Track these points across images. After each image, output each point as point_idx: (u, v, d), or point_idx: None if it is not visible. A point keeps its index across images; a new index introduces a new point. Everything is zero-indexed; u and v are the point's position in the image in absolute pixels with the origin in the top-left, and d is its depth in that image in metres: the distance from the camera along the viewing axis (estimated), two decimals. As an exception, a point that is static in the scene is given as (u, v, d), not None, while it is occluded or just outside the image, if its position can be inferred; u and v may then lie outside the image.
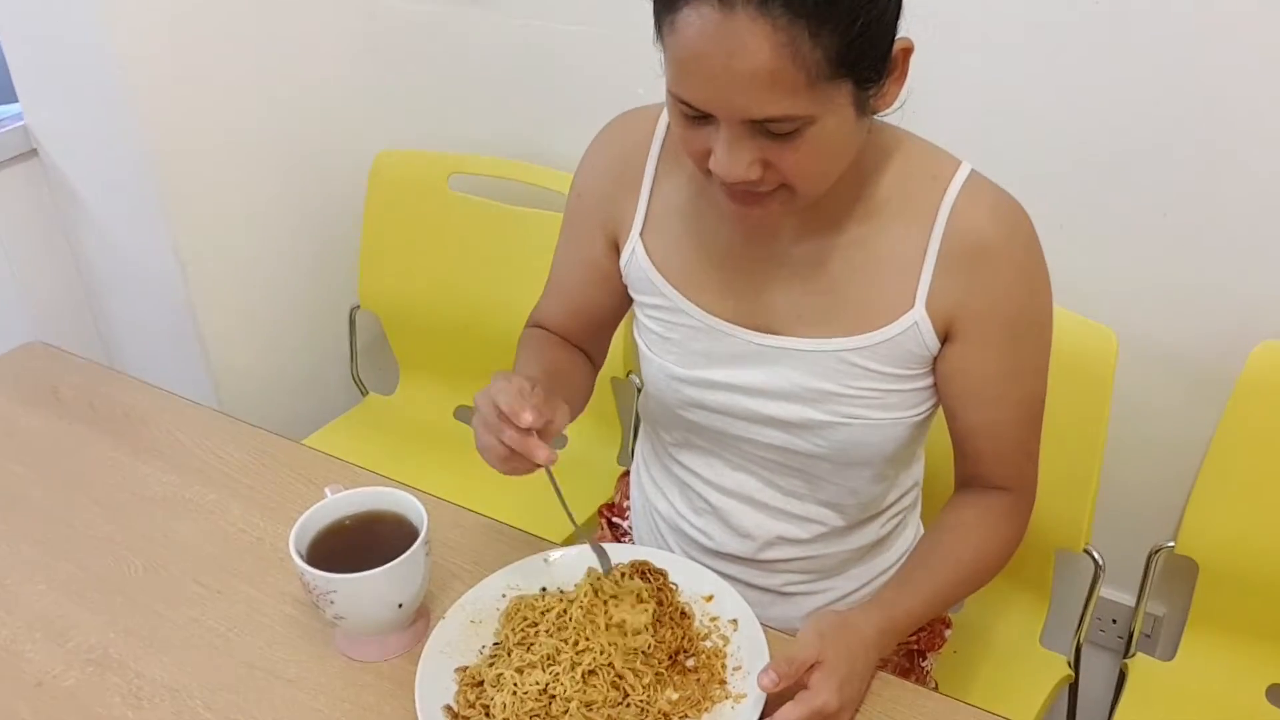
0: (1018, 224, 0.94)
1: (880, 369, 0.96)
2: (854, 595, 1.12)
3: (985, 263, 0.92)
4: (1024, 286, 0.95)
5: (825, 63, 0.77)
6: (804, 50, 0.76)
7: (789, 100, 0.78)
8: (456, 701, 0.88)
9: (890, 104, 0.86)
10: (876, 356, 0.95)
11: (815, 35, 0.75)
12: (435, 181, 1.73)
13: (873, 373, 0.96)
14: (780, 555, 1.08)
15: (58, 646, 0.99)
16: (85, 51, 1.52)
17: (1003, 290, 0.93)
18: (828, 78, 0.78)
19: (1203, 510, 1.29)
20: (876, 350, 0.95)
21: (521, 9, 1.63)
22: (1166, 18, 1.21)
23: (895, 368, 0.96)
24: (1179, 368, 1.38)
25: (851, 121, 0.83)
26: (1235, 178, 1.25)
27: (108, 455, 1.24)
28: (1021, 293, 0.95)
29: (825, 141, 0.82)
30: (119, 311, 1.84)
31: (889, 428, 0.98)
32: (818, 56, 0.76)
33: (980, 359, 0.96)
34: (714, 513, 1.08)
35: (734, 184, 0.85)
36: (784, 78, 0.77)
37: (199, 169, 1.65)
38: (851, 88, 0.80)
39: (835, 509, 1.05)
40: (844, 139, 0.84)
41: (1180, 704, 1.32)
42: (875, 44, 0.80)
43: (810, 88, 0.78)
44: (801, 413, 0.98)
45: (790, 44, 0.75)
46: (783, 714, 0.82)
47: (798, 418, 0.98)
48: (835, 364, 0.96)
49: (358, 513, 0.98)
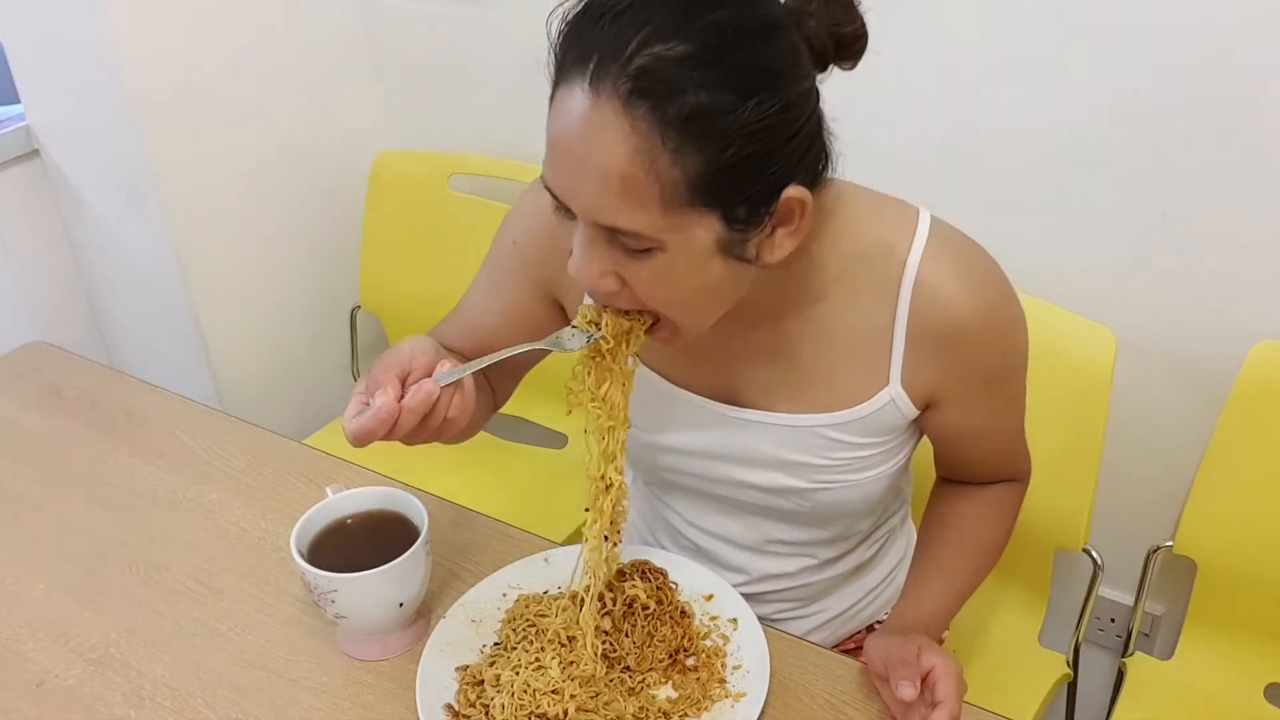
0: (987, 288, 0.88)
1: (858, 440, 0.93)
2: (846, 613, 1.12)
3: (960, 341, 0.87)
4: (1001, 347, 0.91)
5: (684, 185, 0.71)
6: (661, 164, 0.70)
7: (639, 214, 0.72)
8: (457, 700, 0.88)
9: (780, 256, 0.78)
10: (853, 431, 0.92)
11: (677, 151, 0.69)
12: (435, 182, 1.73)
13: (850, 444, 0.93)
14: (769, 588, 1.07)
15: (59, 646, 0.99)
16: (87, 52, 1.52)
17: (982, 359, 0.90)
18: (685, 203, 0.71)
19: (1201, 510, 1.29)
20: (852, 426, 0.92)
21: (521, 9, 1.63)
22: (1166, 17, 1.21)
23: (874, 437, 0.93)
24: (1178, 368, 1.38)
25: (713, 261, 0.75)
26: (1235, 178, 1.25)
27: (109, 455, 1.24)
28: (1000, 353, 0.91)
29: (678, 273, 0.75)
30: (120, 311, 1.84)
31: (870, 484, 0.96)
32: (675, 175, 0.70)
33: (963, 414, 0.94)
34: (700, 551, 1.08)
35: (594, 295, 0.79)
36: (636, 187, 0.71)
37: (200, 170, 1.65)
38: (718, 224, 0.73)
39: (822, 544, 1.04)
40: (705, 277, 0.76)
41: (1179, 703, 1.32)
42: (750, 181, 0.72)
43: (664, 207, 0.71)
44: (780, 480, 0.96)
45: (648, 152, 0.69)
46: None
47: (775, 485, 0.96)
48: (810, 438, 0.93)
49: (359, 512, 0.98)
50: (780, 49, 0.72)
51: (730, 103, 0.69)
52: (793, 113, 0.72)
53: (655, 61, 0.69)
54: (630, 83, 0.69)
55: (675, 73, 0.68)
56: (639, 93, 0.69)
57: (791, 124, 0.73)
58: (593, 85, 0.70)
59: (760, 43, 0.71)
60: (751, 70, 0.70)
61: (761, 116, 0.70)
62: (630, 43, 0.69)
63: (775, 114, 0.71)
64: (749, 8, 0.72)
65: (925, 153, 1.42)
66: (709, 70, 0.69)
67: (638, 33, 0.69)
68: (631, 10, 0.70)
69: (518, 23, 1.63)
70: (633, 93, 0.69)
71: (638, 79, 0.69)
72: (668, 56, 0.68)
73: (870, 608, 1.14)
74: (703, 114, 0.69)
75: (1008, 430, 0.99)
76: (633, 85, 0.69)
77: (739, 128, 0.70)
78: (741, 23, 0.70)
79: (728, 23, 0.70)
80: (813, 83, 0.76)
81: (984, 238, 0.91)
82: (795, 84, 0.73)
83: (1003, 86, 1.34)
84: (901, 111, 1.41)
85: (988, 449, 1.00)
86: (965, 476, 1.04)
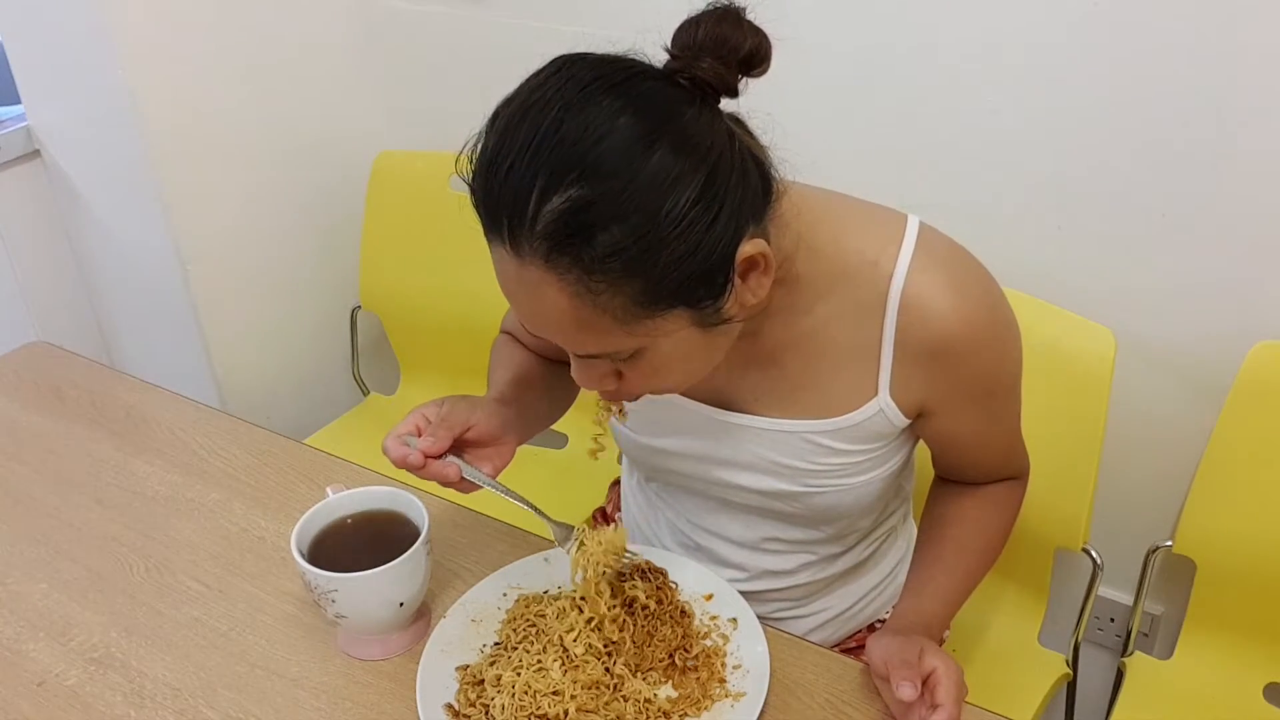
0: (975, 301, 0.86)
1: (848, 447, 0.93)
2: (847, 612, 1.12)
3: (948, 356, 0.87)
4: (991, 359, 0.90)
5: (633, 305, 0.72)
6: (603, 299, 0.71)
7: (604, 339, 0.75)
8: (457, 700, 0.89)
9: (761, 297, 0.79)
10: (843, 438, 0.92)
11: (611, 285, 0.71)
12: (436, 181, 1.73)
13: (840, 450, 0.93)
14: (768, 586, 1.07)
15: (60, 645, 0.99)
16: (87, 53, 1.52)
17: (972, 372, 0.89)
18: (643, 315, 0.73)
19: (1200, 509, 1.29)
20: (842, 433, 0.92)
21: (521, 9, 1.63)
22: (1166, 17, 1.21)
23: (864, 444, 0.93)
24: (1177, 367, 1.38)
25: (696, 337, 0.77)
26: (1234, 178, 1.25)
27: (110, 455, 1.24)
28: (990, 365, 0.90)
29: (669, 359, 0.78)
30: (121, 311, 1.84)
31: (864, 487, 0.96)
32: (621, 302, 0.72)
33: (956, 423, 0.94)
34: (699, 549, 1.08)
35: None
36: (591, 324, 0.73)
37: (201, 170, 1.65)
38: (685, 312, 0.75)
39: (820, 542, 1.04)
40: (693, 352, 0.79)
41: (1178, 702, 1.32)
42: (695, 271, 0.73)
43: (625, 327, 0.73)
44: (772, 484, 0.96)
45: (587, 293, 0.71)
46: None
47: (769, 488, 0.96)
48: (801, 444, 0.93)
49: (359, 512, 0.99)
50: (674, 143, 0.70)
51: (642, 225, 0.69)
52: (711, 191, 0.71)
53: (559, 218, 0.69)
54: (544, 244, 0.70)
55: (581, 222, 0.69)
56: (555, 250, 0.70)
57: (714, 202, 0.71)
58: (513, 249, 0.71)
59: (652, 151, 0.69)
60: (653, 184, 0.69)
61: (680, 218, 0.70)
62: (529, 201, 0.69)
63: (691, 207, 0.70)
64: (631, 118, 0.70)
65: (925, 152, 1.42)
66: (610, 207, 0.69)
67: (533, 188, 0.69)
68: (520, 162, 0.70)
69: (518, 23, 1.63)
70: (550, 252, 0.70)
71: (549, 239, 0.70)
72: (568, 210, 0.69)
73: (871, 606, 1.14)
74: (619, 249, 0.69)
75: (1003, 435, 0.99)
76: (548, 246, 0.70)
77: (660, 242, 0.70)
78: (628, 143, 0.69)
79: (613, 149, 0.69)
80: (723, 139, 0.74)
81: (983, 238, 0.91)
82: (703, 164, 0.71)
83: (1002, 85, 1.34)
84: (902, 111, 1.41)
85: (984, 453, 1.00)
86: (963, 477, 1.04)
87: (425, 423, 0.90)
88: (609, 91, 0.71)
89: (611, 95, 0.71)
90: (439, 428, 0.89)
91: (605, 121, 0.69)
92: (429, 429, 0.89)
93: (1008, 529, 1.04)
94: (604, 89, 0.71)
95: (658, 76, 0.74)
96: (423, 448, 0.87)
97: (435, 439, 0.88)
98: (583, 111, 0.70)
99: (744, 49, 0.74)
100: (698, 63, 0.74)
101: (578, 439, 1.74)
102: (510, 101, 0.74)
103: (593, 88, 0.71)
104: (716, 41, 0.74)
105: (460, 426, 0.90)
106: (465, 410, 0.91)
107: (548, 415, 1.08)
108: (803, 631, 1.08)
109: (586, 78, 0.71)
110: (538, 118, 0.70)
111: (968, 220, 0.93)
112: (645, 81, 0.73)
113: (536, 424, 1.05)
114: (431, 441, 0.87)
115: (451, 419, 0.90)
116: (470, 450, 0.92)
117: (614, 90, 0.71)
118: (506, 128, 0.72)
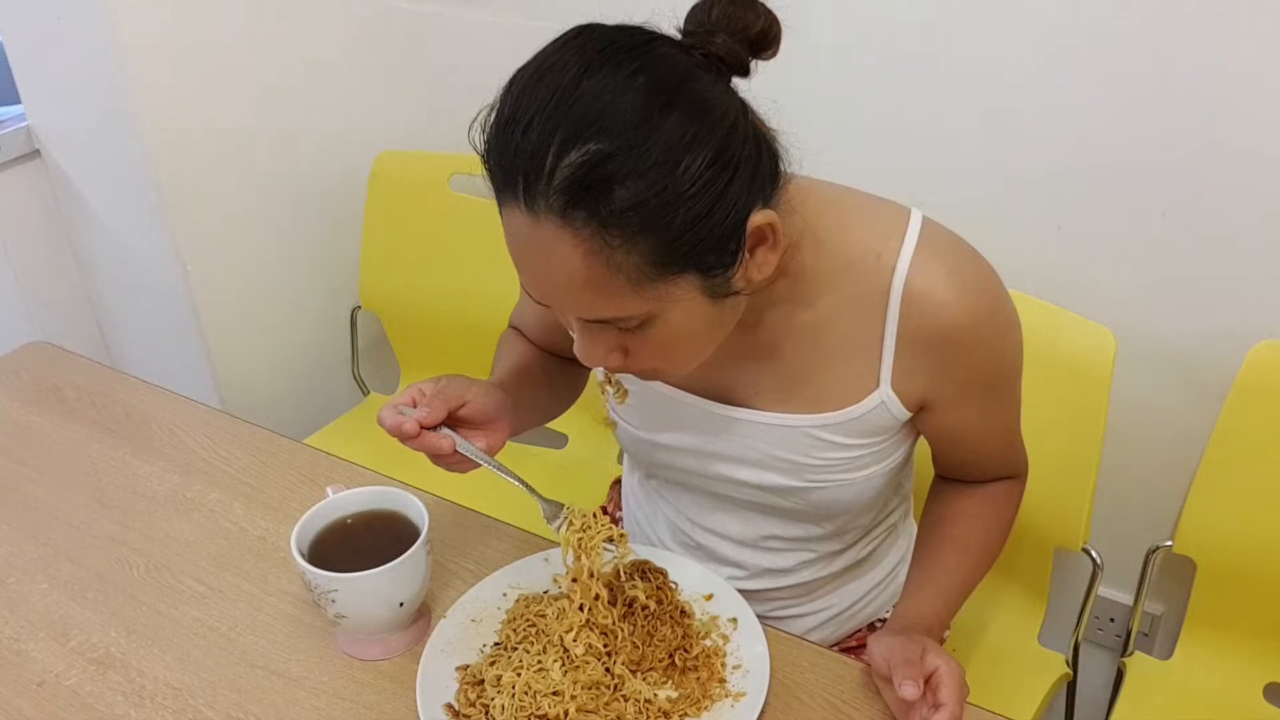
0: (977, 294, 0.87)
1: (848, 441, 0.93)
2: (848, 610, 1.12)
3: (950, 348, 0.87)
4: (992, 352, 0.91)
5: (646, 265, 0.72)
6: (617, 257, 0.71)
7: (615, 302, 0.75)
8: (457, 700, 0.89)
9: (766, 274, 0.79)
10: (843, 432, 0.92)
11: (627, 242, 0.71)
12: (436, 181, 1.73)
13: (841, 444, 0.93)
14: (767, 584, 1.07)
15: (60, 645, 0.99)
16: (87, 53, 1.52)
17: (974, 365, 0.90)
18: (655, 278, 0.73)
19: (1200, 509, 1.29)
20: (843, 427, 0.92)
21: (521, 9, 1.63)
22: (1166, 18, 1.21)
23: (865, 438, 0.93)
24: (1177, 367, 1.38)
25: (705, 307, 0.78)
26: (1234, 178, 1.25)
27: (110, 455, 1.24)
28: (992, 358, 0.91)
29: (678, 331, 0.78)
30: (121, 311, 1.84)
31: (864, 483, 0.96)
32: (635, 261, 0.72)
33: (957, 416, 0.94)
34: (699, 547, 1.08)
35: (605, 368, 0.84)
36: (603, 283, 0.73)
37: (201, 170, 1.65)
38: (696, 279, 0.75)
39: (820, 539, 1.04)
40: (701, 324, 0.79)
41: (1178, 702, 1.32)
42: (708, 234, 0.73)
43: (636, 289, 0.74)
44: (772, 479, 0.96)
45: (602, 251, 0.71)
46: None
47: (769, 483, 0.96)
48: (801, 438, 0.93)
49: (359, 512, 0.99)
50: (690, 105, 0.71)
51: (659, 181, 0.70)
52: (725, 155, 0.72)
53: (577, 170, 0.69)
54: (560, 198, 0.70)
55: (599, 175, 0.69)
56: (572, 204, 0.70)
57: (727, 166, 0.72)
58: (528, 206, 0.72)
59: (669, 111, 0.70)
60: (670, 142, 0.70)
61: (695, 178, 0.71)
62: (547, 157, 0.70)
63: (707, 168, 0.71)
64: (648, 78, 0.71)
65: (926, 152, 1.42)
66: (629, 161, 0.69)
67: (550, 143, 0.70)
68: (539, 120, 0.70)
69: (518, 23, 1.63)
70: (566, 206, 0.70)
71: (566, 193, 0.70)
72: (587, 162, 0.69)
73: (872, 605, 1.14)
74: (637, 203, 0.70)
75: (1003, 429, 1.00)
76: (564, 200, 0.70)
77: (676, 199, 0.71)
78: (646, 101, 0.70)
79: (632, 107, 0.69)
80: (736, 109, 0.75)
81: (983, 238, 0.91)
82: (718, 127, 0.72)
83: (1002, 85, 1.34)
84: (902, 111, 1.41)
85: (984, 449, 1.00)
86: (963, 475, 1.04)
87: (421, 395, 0.90)
88: (627, 54, 0.72)
89: (630, 57, 0.72)
90: (434, 399, 0.89)
91: (624, 81, 0.70)
92: (424, 400, 0.89)
93: (1008, 528, 1.04)
94: (622, 51, 0.72)
95: (674, 45, 0.75)
96: (417, 418, 0.87)
97: (430, 410, 0.88)
98: (601, 71, 0.71)
99: (755, 29, 0.76)
100: (711, 39, 0.75)
101: (578, 439, 1.74)
102: (527, 66, 0.74)
103: (610, 49, 0.72)
104: (730, 20, 0.75)
105: (456, 400, 0.90)
106: (462, 386, 0.91)
107: (546, 409, 1.08)
108: (803, 630, 1.08)
109: (604, 42, 0.73)
110: (556, 78, 0.71)
111: (968, 220, 0.93)
112: (662, 46, 0.74)
113: (533, 415, 1.05)
114: (426, 412, 0.87)
115: (447, 392, 0.90)
116: (463, 428, 0.92)
117: (632, 53, 0.72)
118: (524, 89, 0.73)
